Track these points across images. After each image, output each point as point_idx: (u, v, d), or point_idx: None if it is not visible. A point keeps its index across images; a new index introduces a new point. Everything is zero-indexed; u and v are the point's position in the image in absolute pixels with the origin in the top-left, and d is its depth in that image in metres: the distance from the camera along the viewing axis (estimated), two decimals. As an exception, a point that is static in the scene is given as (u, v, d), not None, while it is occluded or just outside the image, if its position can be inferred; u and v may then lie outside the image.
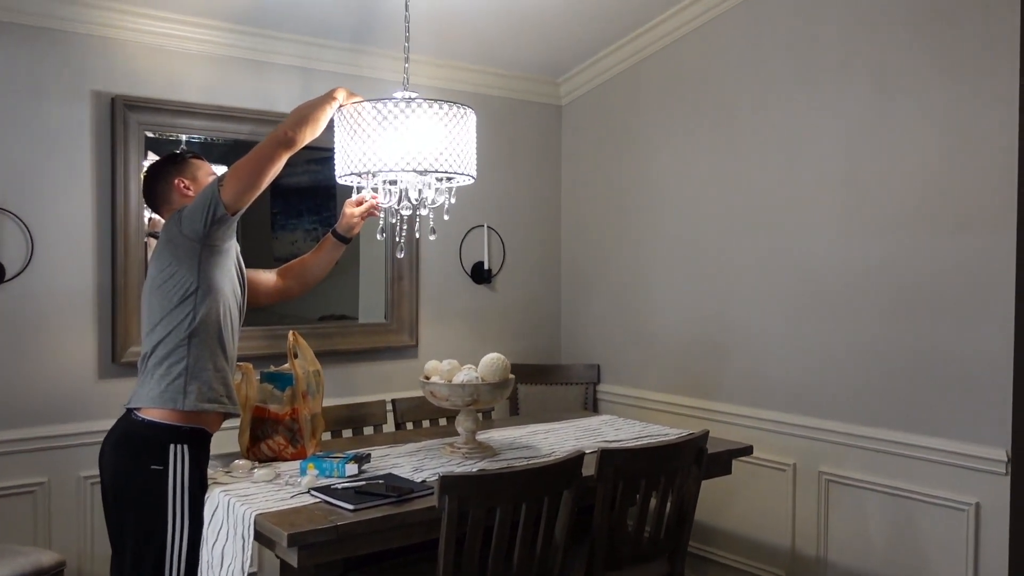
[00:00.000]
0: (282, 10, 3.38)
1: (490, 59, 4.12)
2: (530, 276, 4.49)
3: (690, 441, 2.64)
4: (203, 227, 2.27)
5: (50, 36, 3.10)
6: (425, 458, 2.70)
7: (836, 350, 3.29)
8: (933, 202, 2.98)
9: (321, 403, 2.77)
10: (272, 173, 2.31)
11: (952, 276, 2.94)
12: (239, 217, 2.33)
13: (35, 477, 3.10)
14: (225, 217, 2.27)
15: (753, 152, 3.59)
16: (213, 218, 2.25)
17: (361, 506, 2.18)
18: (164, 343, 2.30)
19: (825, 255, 3.32)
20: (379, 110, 2.31)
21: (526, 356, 4.42)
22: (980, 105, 2.85)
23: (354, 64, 3.78)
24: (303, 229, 3.96)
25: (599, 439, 3.01)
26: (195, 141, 3.46)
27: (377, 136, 2.31)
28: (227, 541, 2.19)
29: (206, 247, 2.31)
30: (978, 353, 2.87)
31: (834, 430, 3.29)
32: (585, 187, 4.45)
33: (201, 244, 2.30)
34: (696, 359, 3.86)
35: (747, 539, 3.65)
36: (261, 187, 2.31)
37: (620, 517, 2.53)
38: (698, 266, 3.84)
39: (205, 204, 2.26)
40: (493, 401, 2.75)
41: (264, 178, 2.30)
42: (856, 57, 3.20)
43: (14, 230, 3.05)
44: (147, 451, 2.25)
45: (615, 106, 4.26)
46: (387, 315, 4.01)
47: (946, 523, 2.96)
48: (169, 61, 3.36)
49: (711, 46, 3.75)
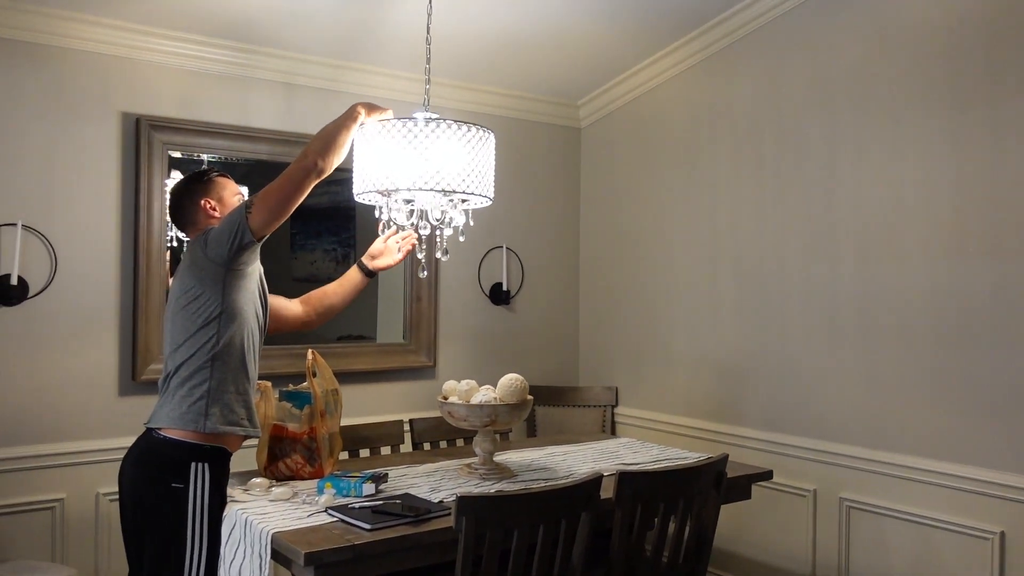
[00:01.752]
0: (301, 32, 3.42)
1: (510, 81, 4.14)
2: (548, 298, 4.49)
3: (709, 465, 2.61)
4: (228, 252, 2.28)
5: (76, 57, 3.15)
6: (442, 478, 2.69)
7: (857, 375, 3.26)
8: (961, 228, 2.96)
9: (339, 422, 2.77)
10: (299, 200, 2.33)
11: (978, 301, 2.91)
12: (263, 241, 2.35)
13: (53, 493, 3.11)
14: (252, 243, 2.28)
15: (774, 177, 3.58)
16: (240, 244, 2.27)
17: (378, 526, 2.17)
18: (187, 364, 2.30)
19: (846, 281, 3.30)
20: (401, 129, 2.32)
21: (544, 378, 4.41)
22: (1018, 125, 2.82)
23: (373, 85, 3.81)
24: (322, 249, 3.98)
25: (617, 462, 2.99)
26: (217, 161, 3.49)
27: (398, 155, 2.31)
28: (244, 559, 2.19)
29: (231, 271, 2.31)
30: (1002, 379, 2.84)
31: (855, 456, 3.25)
32: (604, 209, 4.46)
33: (226, 268, 2.30)
34: (715, 383, 3.84)
35: (767, 565, 3.61)
36: (288, 214, 2.32)
37: (638, 541, 2.50)
38: (717, 290, 3.83)
39: (232, 230, 2.27)
40: (511, 422, 2.74)
41: (292, 205, 2.31)
42: (879, 82, 3.19)
43: (38, 247, 3.09)
44: (168, 469, 2.25)
45: (634, 129, 4.27)
46: (406, 335, 4.01)
47: (970, 552, 2.92)
48: (192, 82, 3.40)
49: (731, 70, 3.76)
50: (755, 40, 3.64)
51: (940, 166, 3.00)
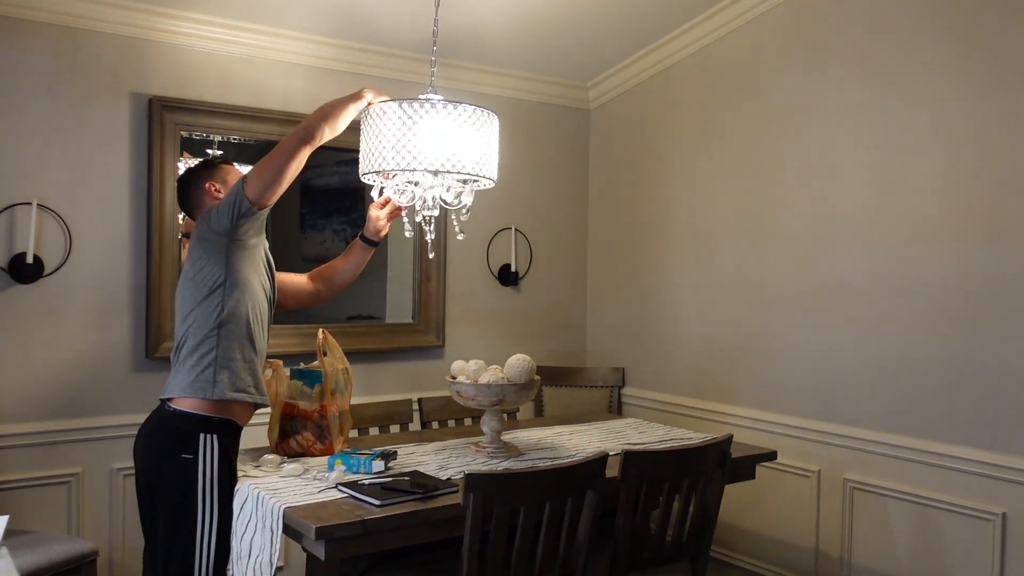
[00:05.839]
0: (312, 13, 3.43)
1: (520, 64, 4.14)
2: (556, 279, 4.51)
3: (714, 445, 2.64)
4: (230, 222, 2.33)
5: (90, 38, 3.18)
6: (450, 456, 2.73)
7: (862, 358, 3.28)
8: (961, 213, 2.97)
9: (349, 401, 2.81)
10: (294, 169, 2.36)
11: (980, 285, 2.92)
12: (266, 213, 2.39)
13: (69, 468, 3.17)
14: (250, 211, 2.33)
15: (781, 160, 3.58)
16: (239, 213, 2.32)
17: (387, 502, 2.21)
18: (194, 334, 2.36)
19: (852, 264, 3.31)
20: (404, 110, 2.33)
21: (551, 358, 4.44)
22: (1015, 115, 2.83)
23: (384, 66, 3.82)
24: (331, 229, 4.00)
25: (623, 441, 3.03)
26: (229, 141, 3.52)
27: (399, 136, 2.33)
28: (255, 533, 2.23)
29: (233, 241, 2.37)
30: (1006, 361, 2.86)
31: (859, 437, 3.28)
32: (612, 191, 4.47)
33: (229, 239, 2.36)
34: (722, 365, 3.86)
35: (771, 545, 3.65)
36: (284, 182, 2.36)
37: (643, 519, 2.54)
38: (725, 272, 3.84)
39: (231, 201, 2.33)
40: (518, 402, 2.78)
41: (285, 174, 2.35)
42: (887, 66, 3.19)
43: (53, 226, 3.13)
44: (178, 440, 2.30)
45: (643, 111, 4.27)
46: (415, 315, 4.05)
47: (972, 533, 2.95)
48: (205, 62, 3.42)
49: (740, 52, 3.76)
50: (766, 21, 3.64)
51: (951, 149, 3.01)
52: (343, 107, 2.40)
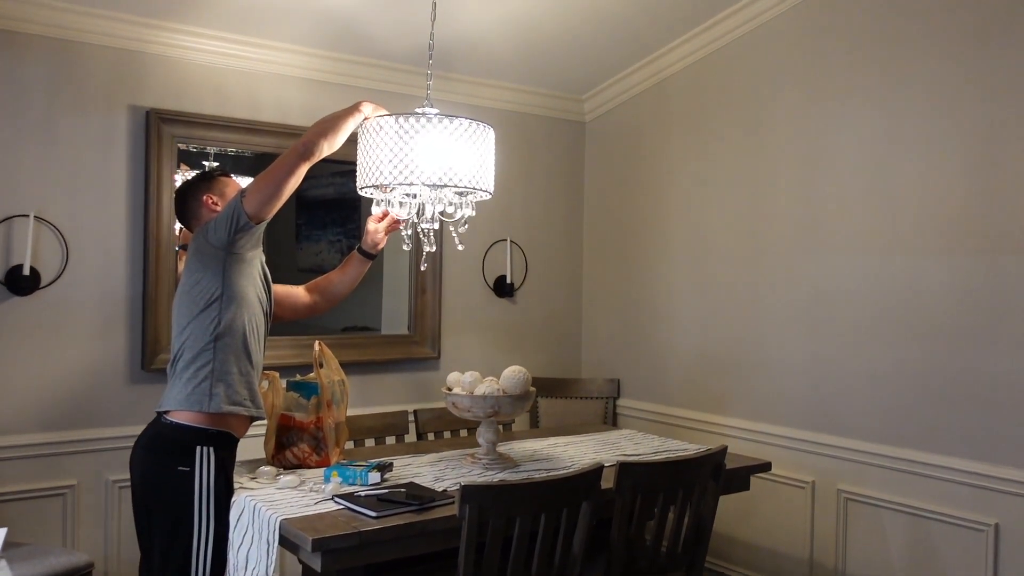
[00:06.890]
0: (308, 25, 3.45)
1: (515, 76, 4.17)
2: (552, 290, 4.53)
3: (708, 456, 2.66)
4: (227, 235, 2.34)
5: (87, 51, 3.19)
6: (446, 468, 2.74)
7: (855, 369, 3.30)
8: (954, 224, 2.99)
9: (345, 412, 2.82)
10: (292, 183, 2.37)
11: (974, 296, 2.94)
12: (264, 227, 2.40)
13: (65, 480, 3.16)
14: (248, 225, 2.34)
15: (775, 172, 3.61)
16: (236, 227, 2.33)
17: (383, 513, 2.22)
18: (191, 346, 2.37)
19: (846, 275, 3.33)
20: (400, 125, 2.35)
21: (547, 370, 4.45)
22: (1012, 124, 2.86)
23: (380, 79, 3.84)
24: (327, 240, 4.02)
25: (618, 452, 3.04)
26: (225, 153, 3.53)
27: (395, 150, 2.34)
28: (252, 545, 2.24)
29: (231, 255, 2.38)
30: (1000, 373, 2.88)
31: (853, 448, 3.29)
32: (607, 203, 4.49)
33: (226, 252, 2.37)
34: (716, 376, 3.88)
35: (765, 555, 3.66)
36: (282, 197, 2.37)
37: (638, 530, 2.55)
38: (719, 284, 3.86)
39: (229, 214, 2.34)
40: (514, 413, 2.79)
41: (284, 189, 2.36)
42: (881, 76, 3.22)
43: (50, 238, 3.14)
44: (174, 452, 2.31)
45: (638, 123, 4.29)
46: (410, 327, 4.06)
47: (965, 544, 2.96)
48: (202, 75, 3.44)
49: (735, 65, 3.79)
50: (761, 34, 3.67)
51: (943, 160, 3.04)
52: (342, 121, 2.41)
